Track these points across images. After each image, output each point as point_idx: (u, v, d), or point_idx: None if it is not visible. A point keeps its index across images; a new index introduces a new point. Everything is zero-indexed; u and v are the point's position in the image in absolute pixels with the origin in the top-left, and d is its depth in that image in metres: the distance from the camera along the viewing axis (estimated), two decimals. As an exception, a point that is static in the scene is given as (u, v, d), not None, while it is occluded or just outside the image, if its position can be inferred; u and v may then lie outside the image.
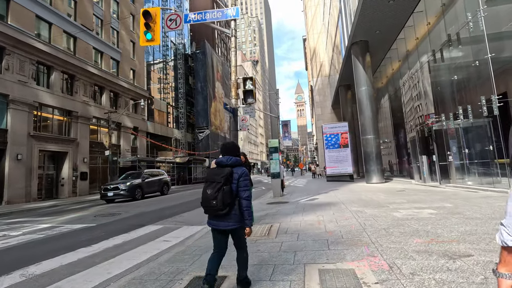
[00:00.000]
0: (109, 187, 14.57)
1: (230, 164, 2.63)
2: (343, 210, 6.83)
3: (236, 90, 7.11)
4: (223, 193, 2.46)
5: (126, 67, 28.97)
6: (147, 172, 17.00)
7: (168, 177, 18.83)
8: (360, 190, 12.14)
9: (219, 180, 2.50)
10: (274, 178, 11.75)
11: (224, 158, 2.68)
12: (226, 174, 2.52)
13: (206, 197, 2.51)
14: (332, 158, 20.85)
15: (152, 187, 16.42)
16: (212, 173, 2.62)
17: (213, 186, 2.50)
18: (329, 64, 33.41)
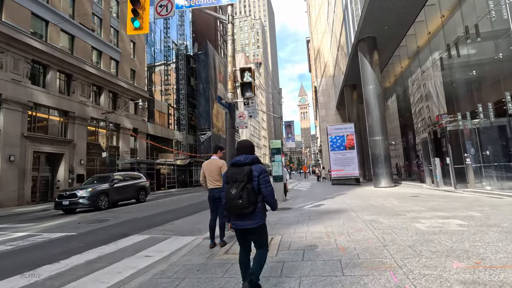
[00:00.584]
0: (65, 193, 11.68)
1: (248, 163, 2.63)
2: (354, 219, 5.97)
3: (232, 82, 6.32)
4: (247, 192, 2.47)
5: (126, 67, 28.41)
6: (118, 175, 14.16)
7: (147, 181, 16.11)
8: (369, 195, 11.25)
9: (241, 179, 2.51)
10: (276, 182, 10.91)
11: (241, 157, 2.69)
12: (247, 172, 2.53)
13: (231, 197, 2.51)
14: (338, 160, 19.95)
15: (124, 193, 13.71)
16: (232, 172, 2.61)
17: (236, 186, 2.51)
18: (333, 65, 32.59)
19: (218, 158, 4.92)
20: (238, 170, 2.60)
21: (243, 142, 2.85)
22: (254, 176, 2.59)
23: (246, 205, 2.46)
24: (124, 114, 27.13)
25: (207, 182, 4.85)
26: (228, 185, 2.60)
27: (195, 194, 20.56)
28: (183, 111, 38.99)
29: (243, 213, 2.51)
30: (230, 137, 6.19)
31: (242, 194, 2.47)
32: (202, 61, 44.68)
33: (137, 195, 14.62)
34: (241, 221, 2.58)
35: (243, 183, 2.50)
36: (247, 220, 2.55)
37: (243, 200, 2.46)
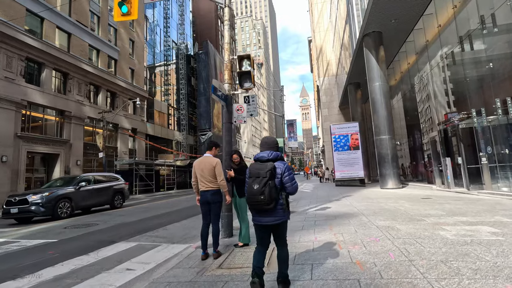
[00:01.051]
0: (14, 199, 9.40)
1: (272, 159, 2.63)
2: (367, 225, 5.29)
3: (230, 72, 5.67)
4: (269, 188, 2.46)
5: (124, 66, 27.86)
6: (87, 177, 11.89)
7: (126, 183, 13.89)
8: (377, 197, 10.55)
9: (264, 175, 2.49)
10: (278, 183, 10.24)
11: (264, 153, 2.69)
12: (270, 168, 2.51)
13: (253, 192, 2.50)
14: (342, 161, 19.26)
15: (94, 197, 11.53)
16: (255, 168, 2.60)
17: (258, 181, 2.49)
18: (336, 63, 31.91)
19: (212, 156, 4.27)
20: (261, 165, 2.58)
21: (267, 139, 2.83)
22: (278, 174, 2.57)
23: (268, 201, 2.45)
24: (122, 114, 26.57)
25: (198, 183, 4.21)
26: (250, 179, 2.58)
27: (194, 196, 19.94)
28: (183, 111, 38.41)
29: (264, 209, 2.50)
30: (226, 132, 5.54)
31: (264, 190, 2.45)
32: (203, 60, 44.12)
33: (112, 199, 12.52)
34: (261, 217, 2.56)
35: (266, 179, 2.47)
36: (268, 216, 2.54)
37: (265, 196, 2.44)
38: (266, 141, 2.82)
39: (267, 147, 2.75)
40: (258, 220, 2.59)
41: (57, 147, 19.89)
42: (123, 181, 13.71)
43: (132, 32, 29.64)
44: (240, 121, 5.71)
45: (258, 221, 2.59)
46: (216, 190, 4.11)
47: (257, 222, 2.61)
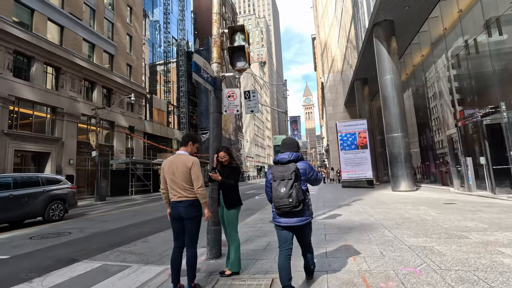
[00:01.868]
0: None
1: (293, 160, 2.60)
2: (394, 243, 4.11)
3: (219, 50, 4.52)
4: (296, 190, 2.45)
5: (121, 62, 26.85)
6: (4, 178, 8.63)
7: (72, 187, 10.61)
8: (392, 201, 9.35)
9: (289, 177, 2.47)
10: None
11: (285, 155, 2.64)
12: (294, 170, 2.49)
13: (280, 195, 2.47)
14: (348, 160, 18.04)
15: (14, 208, 8.23)
16: (278, 170, 2.56)
17: (285, 184, 2.47)
18: (341, 59, 30.64)
19: (188, 154, 3.12)
20: (284, 168, 2.55)
21: (287, 140, 2.81)
22: (302, 174, 2.56)
23: (296, 204, 2.43)
24: (119, 112, 25.58)
25: (168, 191, 3.07)
26: (275, 183, 2.53)
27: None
28: (183, 109, 37.37)
29: (292, 212, 2.47)
30: (214, 125, 4.39)
31: (291, 193, 2.43)
32: (204, 57, 42.60)
33: (44, 209, 9.05)
34: (287, 218, 2.53)
35: (292, 181, 2.45)
36: (295, 217, 2.52)
37: (293, 198, 2.43)
38: (285, 142, 2.79)
39: (287, 148, 2.70)
40: (284, 222, 2.55)
41: (48, 145, 18.90)
42: (68, 184, 10.50)
43: (130, 27, 28.62)
44: (231, 110, 4.55)
45: (286, 222, 2.55)
46: (192, 201, 2.97)
47: (283, 224, 2.56)
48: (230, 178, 3.42)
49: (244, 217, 8.36)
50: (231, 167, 3.47)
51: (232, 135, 52.78)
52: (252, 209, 10.53)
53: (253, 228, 6.09)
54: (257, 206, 11.48)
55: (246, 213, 9.60)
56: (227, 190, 3.42)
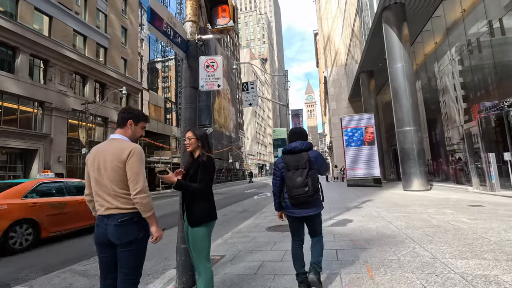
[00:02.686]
0: None
1: (305, 149, 2.56)
2: (436, 269, 2.94)
3: (195, 4, 3.33)
4: (312, 179, 2.44)
5: (115, 55, 25.72)
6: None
7: None
8: (408, 203, 8.18)
9: (304, 166, 2.44)
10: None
11: (297, 143, 2.59)
12: (308, 159, 2.47)
13: (296, 184, 2.43)
14: (354, 157, 16.86)
15: None
16: (292, 159, 2.52)
17: (300, 173, 2.44)
18: (345, 52, 29.34)
19: (127, 140, 1.96)
20: (297, 156, 2.51)
21: (298, 129, 2.78)
22: (313, 163, 2.50)
23: (312, 192, 2.42)
24: (113, 107, 24.51)
25: (94, 198, 1.92)
26: (289, 172, 2.48)
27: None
28: (181, 105, 36.23)
29: (308, 201, 2.46)
30: (187, 104, 3.24)
31: (307, 182, 2.41)
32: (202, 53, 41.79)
33: None
34: (302, 209, 2.50)
35: (306, 170, 2.43)
36: (309, 207, 2.50)
37: (309, 187, 2.40)
38: (295, 131, 2.73)
39: (296, 137, 2.65)
40: (299, 213, 2.51)
41: (35, 142, 17.85)
42: None
43: (124, 19, 27.47)
44: (211, 85, 3.36)
45: (300, 213, 2.51)
46: (128, 215, 1.82)
47: (297, 215, 2.53)
48: (196, 178, 2.25)
49: (238, 222, 7.23)
50: (201, 162, 2.31)
51: (233, 132, 51.65)
52: (248, 211, 9.39)
53: (245, 239, 4.95)
54: (254, 208, 10.35)
55: (241, 216, 8.46)
56: (191, 198, 2.26)
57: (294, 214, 2.52)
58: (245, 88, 14.88)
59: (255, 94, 14.83)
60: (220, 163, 43.32)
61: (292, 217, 2.59)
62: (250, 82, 15.04)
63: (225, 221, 7.83)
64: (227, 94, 48.66)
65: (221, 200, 14.17)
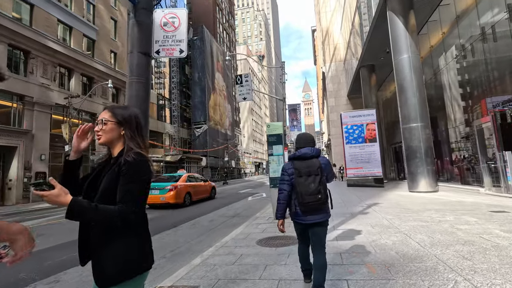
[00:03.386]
0: None
1: (315, 155, 2.56)
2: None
3: None
4: (324, 185, 2.45)
5: (104, 48, 24.49)
6: None
7: None
8: (419, 207, 7.22)
9: (316, 173, 2.44)
10: (275, 187, 6.96)
11: (308, 149, 2.58)
12: (319, 166, 2.48)
13: (309, 191, 2.41)
14: (355, 156, 15.94)
15: None
16: (304, 166, 2.50)
17: (312, 179, 2.43)
18: (344, 47, 28.35)
19: None
20: (308, 163, 2.50)
21: (306, 134, 2.76)
22: (323, 170, 2.51)
23: (324, 199, 2.44)
24: (101, 102, 23.31)
25: None
26: (301, 178, 2.45)
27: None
28: (174, 102, 35.07)
29: (320, 208, 2.46)
30: (134, 77, 2.16)
31: (320, 189, 2.41)
32: (198, 47, 40.66)
33: None
34: (313, 215, 2.47)
35: (319, 177, 2.43)
36: (318, 214, 2.48)
37: (322, 194, 2.41)
38: (303, 137, 2.72)
39: (306, 143, 2.64)
40: (309, 219, 2.47)
41: (14, 138, 16.66)
42: None
43: (114, 10, 26.21)
44: (169, 51, 2.27)
45: (309, 220, 2.47)
46: None
47: (307, 221, 2.49)
48: (113, 195, 1.24)
49: (226, 231, 6.22)
50: (124, 165, 1.28)
51: (229, 130, 50.54)
52: (239, 216, 8.38)
53: (230, 258, 3.93)
54: (247, 212, 9.34)
55: (231, 223, 7.45)
56: (103, 235, 1.25)
57: (306, 221, 2.49)
58: (239, 81, 13.83)
59: (250, 88, 13.79)
60: (216, 161, 42.24)
61: (300, 224, 2.57)
62: (245, 75, 13.99)
63: (211, 228, 6.82)
64: (223, 90, 47.51)
65: (212, 202, 13.14)
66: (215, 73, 44.21)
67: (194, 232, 6.52)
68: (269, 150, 7.16)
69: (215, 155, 41.71)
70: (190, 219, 8.34)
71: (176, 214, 9.41)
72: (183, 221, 8.03)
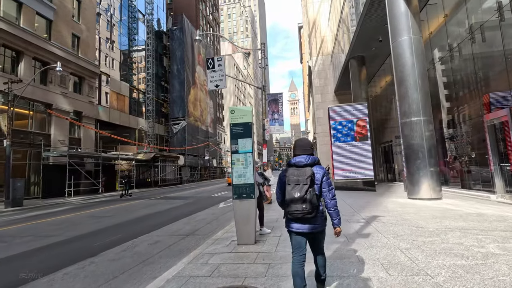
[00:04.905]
0: None
1: (310, 164, 2.49)
2: None
3: None
4: (310, 195, 2.34)
5: (64, 30, 21.56)
6: None
7: None
8: (436, 224, 5.32)
9: (304, 182, 2.36)
10: (240, 199, 4.86)
11: (302, 158, 2.52)
12: (310, 175, 2.38)
13: (294, 199, 2.36)
14: (343, 155, 14.16)
15: None
16: (293, 173, 2.44)
17: (299, 189, 2.35)
18: (332, 40, 26.69)
19: None
20: (299, 171, 2.43)
21: (303, 141, 2.67)
22: (317, 179, 2.46)
23: (310, 210, 2.33)
24: (59, 92, 20.46)
25: None
26: (289, 186, 2.41)
27: (142, 203, 14.31)
28: (149, 95, 32.30)
29: (305, 218, 2.37)
30: None
31: (305, 198, 2.32)
32: (177, 38, 37.97)
33: None
34: (299, 224, 2.44)
35: (306, 187, 2.33)
36: (306, 224, 2.43)
37: (307, 205, 2.32)
38: (300, 144, 2.62)
39: (302, 151, 2.57)
40: (297, 228, 2.46)
41: None
42: None
43: (77, -11, 23.26)
44: None
45: (298, 228, 2.45)
46: None
47: (296, 230, 2.47)
48: None
49: (163, 265, 4.06)
50: None
51: (210, 127, 48.04)
52: (196, 235, 6.22)
53: None
54: (209, 227, 7.19)
55: (179, 247, 5.28)
56: None
57: (293, 229, 2.48)
58: (210, 65, 11.65)
59: (223, 74, 11.64)
60: (195, 160, 39.72)
61: (293, 232, 2.51)
62: (217, 58, 11.82)
63: (144, 260, 4.64)
64: (204, 85, 44.96)
65: (172, 209, 10.90)
66: (195, 66, 41.62)
67: (115, 267, 4.31)
68: (233, 146, 5.05)
69: (195, 153, 39.20)
70: (130, 238, 6.11)
71: (119, 229, 7.15)
72: (116, 242, 5.79)
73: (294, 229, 2.45)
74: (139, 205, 12.38)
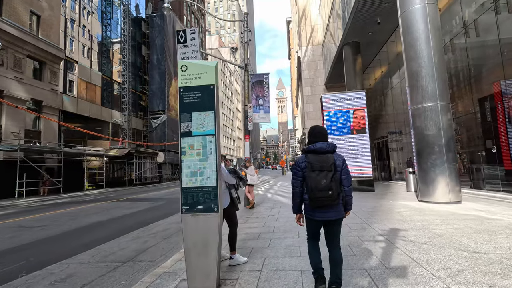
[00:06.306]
0: None
1: (331, 150, 2.48)
2: None
3: None
4: (336, 182, 2.35)
5: (19, 6, 18.74)
6: None
7: None
8: (477, 242, 3.50)
9: (329, 169, 2.36)
10: (193, 213, 2.84)
11: (323, 144, 2.48)
12: (333, 162, 2.40)
13: (319, 187, 2.33)
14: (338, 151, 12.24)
15: None
16: (317, 160, 2.41)
17: (324, 175, 2.33)
18: (323, 30, 24.97)
19: None
20: (322, 158, 2.42)
21: (320, 128, 2.63)
22: (338, 166, 2.44)
23: (335, 196, 2.33)
24: (13, 77, 17.72)
25: None
26: (313, 173, 2.37)
27: (112, 204, 12.01)
28: (125, 86, 29.59)
29: (330, 204, 2.37)
30: None
31: (331, 185, 2.31)
32: (157, 25, 35.27)
33: None
34: (323, 212, 2.41)
35: (331, 173, 2.33)
36: (331, 211, 2.41)
37: (333, 191, 2.31)
38: (319, 130, 2.57)
39: (322, 137, 2.52)
40: (319, 216, 2.42)
41: None
42: None
43: (37, -39, 20.38)
44: None
45: (320, 217, 2.42)
46: None
47: (318, 218, 2.44)
48: None
49: None
50: None
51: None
52: (138, 262, 4.14)
53: None
54: (166, 243, 5.14)
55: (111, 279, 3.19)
56: None
57: (315, 218, 2.45)
58: (182, 39, 9.52)
59: (197, 49, 9.55)
60: (177, 157, 37.27)
61: (311, 220, 2.50)
62: (191, 30, 9.70)
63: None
64: (187, 78, 42.35)
65: (130, 216, 8.75)
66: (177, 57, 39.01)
67: None
68: (183, 124, 3.03)
69: (176, 150, 36.72)
70: (33, 268, 3.98)
71: (33, 249, 4.97)
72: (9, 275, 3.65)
73: (317, 218, 2.43)
74: (92, 210, 10.12)
